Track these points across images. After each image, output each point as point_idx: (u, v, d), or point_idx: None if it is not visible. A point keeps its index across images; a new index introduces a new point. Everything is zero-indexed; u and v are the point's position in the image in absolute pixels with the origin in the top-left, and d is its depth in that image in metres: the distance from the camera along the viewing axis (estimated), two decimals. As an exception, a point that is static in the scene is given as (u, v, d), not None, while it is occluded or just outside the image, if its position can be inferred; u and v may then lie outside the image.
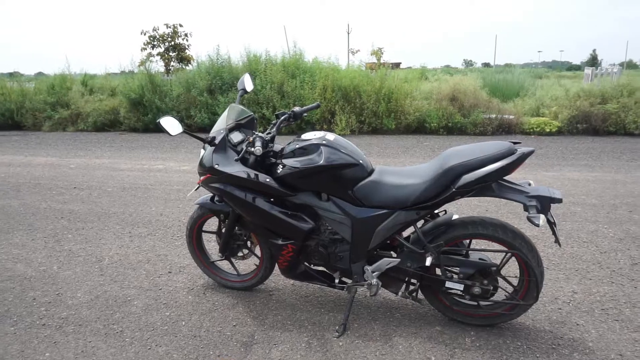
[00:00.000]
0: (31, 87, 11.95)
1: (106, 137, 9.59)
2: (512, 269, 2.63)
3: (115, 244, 3.66)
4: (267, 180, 2.30)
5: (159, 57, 17.20)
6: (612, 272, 2.93)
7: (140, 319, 2.58)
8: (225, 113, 2.52)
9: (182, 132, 2.25)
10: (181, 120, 9.15)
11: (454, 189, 2.04)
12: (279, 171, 2.30)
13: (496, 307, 2.30)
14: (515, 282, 2.31)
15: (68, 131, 10.56)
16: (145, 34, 16.95)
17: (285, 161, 2.29)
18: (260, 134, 2.36)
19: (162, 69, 16.15)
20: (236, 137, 2.48)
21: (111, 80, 12.44)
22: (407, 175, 2.23)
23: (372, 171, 2.29)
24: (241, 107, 2.63)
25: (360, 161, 2.24)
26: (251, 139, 2.27)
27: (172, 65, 17.02)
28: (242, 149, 2.29)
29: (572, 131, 8.13)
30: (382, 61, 10.60)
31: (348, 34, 17.85)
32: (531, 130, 8.28)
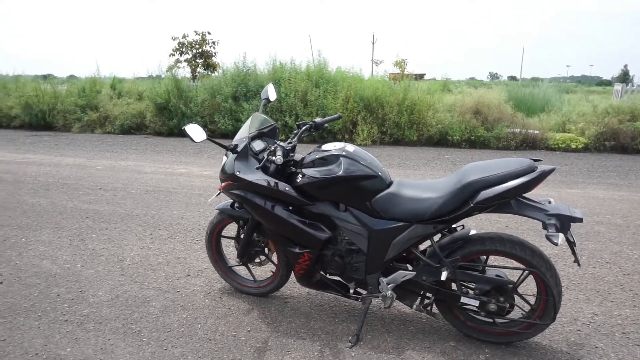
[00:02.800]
0: (63, 90, 12.37)
1: (132, 140, 9.83)
2: (529, 287, 2.60)
3: (137, 245, 3.76)
4: (287, 188, 2.34)
5: (186, 63, 17.61)
6: (634, 295, 2.85)
7: (158, 319, 2.63)
8: (248, 122, 2.58)
9: (205, 139, 2.31)
10: (205, 126, 9.31)
11: (472, 204, 2.03)
12: (298, 180, 2.34)
13: (512, 325, 2.28)
14: (532, 300, 2.27)
15: (96, 133, 10.88)
16: (175, 40, 17.40)
17: (305, 171, 2.33)
18: (281, 143, 2.40)
19: (189, 75, 16.51)
20: (258, 145, 2.53)
21: (139, 84, 12.78)
22: (426, 188, 2.24)
23: (390, 183, 2.31)
24: (264, 116, 2.69)
25: (379, 173, 2.26)
26: (272, 147, 2.32)
27: (199, 72, 17.39)
28: (264, 157, 2.35)
29: (599, 148, 7.95)
30: (405, 72, 10.61)
31: (373, 44, 18.00)
32: (556, 146, 8.13)
